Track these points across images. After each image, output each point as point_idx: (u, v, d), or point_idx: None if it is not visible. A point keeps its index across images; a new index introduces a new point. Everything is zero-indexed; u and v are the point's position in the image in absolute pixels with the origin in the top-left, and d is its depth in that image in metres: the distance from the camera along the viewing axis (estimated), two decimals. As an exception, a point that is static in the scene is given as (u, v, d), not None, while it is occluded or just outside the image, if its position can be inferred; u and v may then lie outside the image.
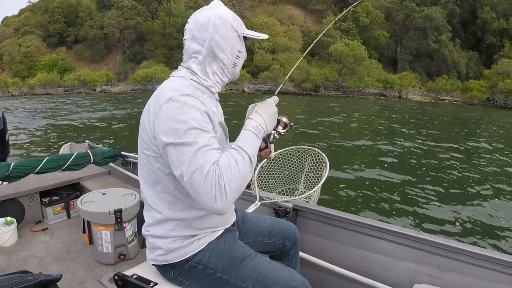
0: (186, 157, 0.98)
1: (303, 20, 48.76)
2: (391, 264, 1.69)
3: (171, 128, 1.00)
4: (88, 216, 2.03)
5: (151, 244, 1.22)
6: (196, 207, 1.15)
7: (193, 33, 1.13)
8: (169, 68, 43.88)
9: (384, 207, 5.74)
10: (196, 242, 1.18)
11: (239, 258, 1.20)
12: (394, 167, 8.44)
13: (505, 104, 39.13)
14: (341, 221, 1.85)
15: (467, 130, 17.00)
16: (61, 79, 43.35)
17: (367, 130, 15.05)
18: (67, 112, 19.68)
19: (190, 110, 1.02)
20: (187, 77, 1.15)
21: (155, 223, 1.19)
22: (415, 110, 26.80)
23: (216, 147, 1.03)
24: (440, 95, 42.26)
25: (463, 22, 49.23)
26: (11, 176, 2.18)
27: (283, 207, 1.99)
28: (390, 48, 46.83)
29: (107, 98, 31.86)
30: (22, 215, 2.54)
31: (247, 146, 1.06)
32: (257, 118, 1.15)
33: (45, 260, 2.10)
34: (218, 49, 1.14)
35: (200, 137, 1.00)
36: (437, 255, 1.56)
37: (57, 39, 51.24)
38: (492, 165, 9.20)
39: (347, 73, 40.32)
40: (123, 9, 48.80)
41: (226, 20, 1.14)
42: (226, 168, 0.98)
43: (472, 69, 45.84)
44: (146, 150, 1.13)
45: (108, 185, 2.81)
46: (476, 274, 1.48)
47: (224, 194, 0.97)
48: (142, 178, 1.21)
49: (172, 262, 1.18)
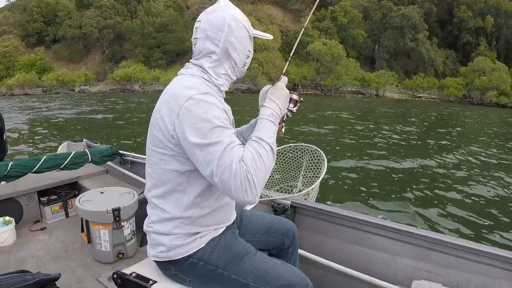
0: (213, 157, 1.01)
1: (281, 19, 48.95)
2: (390, 261, 1.69)
3: (196, 127, 1.03)
4: (86, 215, 2.02)
5: (154, 241, 1.22)
6: (202, 205, 1.18)
7: (208, 33, 1.15)
8: (148, 67, 43.80)
9: (364, 199, 5.84)
10: (199, 240, 1.19)
11: (240, 254, 1.21)
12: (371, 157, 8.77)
13: (481, 100, 39.97)
14: (340, 218, 1.84)
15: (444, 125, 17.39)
16: (39, 79, 42.91)
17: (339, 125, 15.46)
18: (52, 112, 19.47)
19: (212, 108, 1.05)
20: (198, 75, 1.17)
21: (159, 220, 1.19)
22: (393, 107, 27.29)
23: (238, 143, 1.07)
24: (417, 92, 42.97)
25: (440, 21, 50.02)
26: (9, 176, 2.17)
27: (282, 205, 1.97)
28: (368, 47, 47.36)
29: (89, 97, 31.64)
30: (20, 215, 2.52)
31: (267, 136, 1.10)
32: (272, 105, 1.18)
33: (43, 259, 2.09)
34: (232, 49, 1.17)
35: (224, 135, 1.03)
36: (436, 251, 1.57)
37: (36, 38, 50.56)
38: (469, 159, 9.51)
39: (325, 71, 40.74)
40: (102, 8, 48.40)
41: (239, 21, 1.17)
42: (252, 162, 1.02)
43: (449, 67, 46.64)
44: (160, 149, 1.13)
45: (106, 184, 2.84)
46: (475, 270, 1.48)
47: (253, 187, 1.01)
48: (150, 176, 1.21)
49: (173, 259, 1.19)
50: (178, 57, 45.77)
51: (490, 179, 7.52)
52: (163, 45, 45.52)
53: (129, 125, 14.41)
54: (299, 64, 42.31)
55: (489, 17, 46.28)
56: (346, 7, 47.16)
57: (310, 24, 46.98)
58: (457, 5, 48.52)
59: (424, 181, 7.15)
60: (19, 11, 54.83)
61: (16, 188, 2.51)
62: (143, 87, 41.72)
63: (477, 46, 47.05)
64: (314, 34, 44.56)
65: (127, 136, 11.50)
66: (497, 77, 39.46)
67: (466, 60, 44.59)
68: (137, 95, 34.16)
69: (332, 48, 40.46)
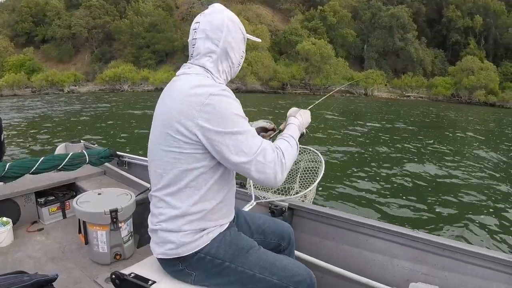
0: (243, 145, 1.11)
1: (271, 19, 49.04)
2: (387, 263, 1.69)
3: (222, 120, 1.09)
4: (84, 216, 2.02)
5: (161, 238, 1.23)
6: (211, 198, 1.22)
7: (208, 33, 1.21)
8: (137, 67, 43.74)
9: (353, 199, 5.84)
10: (206, 236, 1.22)
11: (246, 248, 1.26)
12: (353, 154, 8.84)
13: (469, 99, 40.26)
14: (337, 220, 1.84)
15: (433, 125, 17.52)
16: (28, 79, 42.70)
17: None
18: (44, 112, 19.40)
19: (234, 102, 1.14)
20: (202, 74, 1.22)
21: (169, 218, 1.21)
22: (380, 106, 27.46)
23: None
24: (405, 91, 43.20)
25: (429, 20, 50.36)
26: (6, 177, 2.17)
27: (279, 206, 1.98)
28: (357, 46, 47.58)
29: (77, 98, 31.48)
30: (18, 216, 2.51)
31: (296, 136, 1.32)
32: (300, 120, 1.42)
33: (40, 260, 2.09)
34: (230, 49, 1.24)
35: (246, 125, 1.14)
36: (433, 253, 1.57)
37: (25, 39, 50.29)
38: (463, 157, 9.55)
39: (314, 71, 40.88)
40: (91, 8, 48.24)
41: (236, 23, 1.26)
42: (285, 149, 1.19)
43: (437, 67, 46.94)
44: (176, 148, 1.15)
45: (104, 185, 2.81)
46: (472, 272, 1.48)
47: (285, 169, 1.16)
48: (160, 176, 1.21)
49: (182, 256, 1.20)
50: (167, 57, 45.82)
51: (480, 177, 7.51)
52: (152, 45, 45.50)
53: (123, 125, 14.45)
54: (288, 63, 42.43)
55: (478, 16, 46.61)
56: (335, 6, 47.39)
57: (299, 23, 47.15)
58: (446, 5, 48.88)
59: (410, 180, 7.15)
60: (8, 11, 54.51)
61: (13, 189, 2.49)
62: (132, 87, 41.64)
63: (466, 45, 47.36)
64: (303, 33, 44.69)
65: (121, 136, 11.56)
66: (485, 76, 39.76)
67: (455, 59, 44.87)
68: (126, 95, 34.15)
69: (321, 47, 40.61)
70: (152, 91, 38.76)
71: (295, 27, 45.83)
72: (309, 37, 44.06)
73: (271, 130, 1.55)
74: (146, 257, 1.45)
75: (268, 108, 22.52)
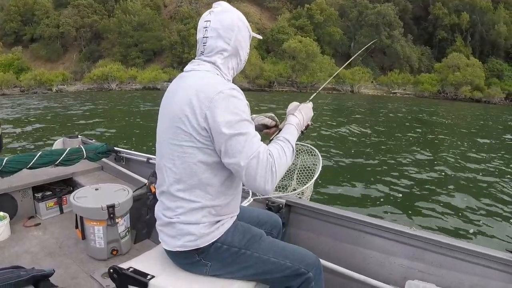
0: (241, 146, 1.12)
1: (258, 17, 49.25)
2: (384, 260, 1.69)
3: (226, 119, 1.12)
4: (81, 212, 2.03)
5: (180, 231, 1.25)
6: (225, 193, 1.27)
7: (219, 32, 1.25)
8: (125, 66, 43.85)
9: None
10: (221, 227, 1.28)
11: (258, 235, 1.34)
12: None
13: (455, 96, 40.77)
14: (334, 217, 1.84)
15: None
16: (17, 79, 42.72)
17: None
18: (34, 110, 19.51)
19: (240, 103, 1.17)
20: (212, 71, 1.26)
21: (188, 211, 1.23)
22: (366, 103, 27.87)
23: (259, 136, 1.19)
24: (392, 88, 43.64)
25: (416, 18, 50.79)
26: (4, 171, 2.18)
27: (276, 203, 1.99)
28: (344, 44, 47.88)
29: (66, 96, 31.57)
30: (15, 210, 2.51)
31: (292, 139, 1.28)
32: (300, 117, 1.39)
33: (37, 255, 2.09)
34: (240, 47, 1.30)
35: (250, 127, 1.16)
36: (430, 251, 1.57)
37: (13, 38, 50.12)
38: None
39: (300, 69, 41.16)
40: (80, 7, 48.16)
41: (244, 23, 1.31)
42: (277, 157, 1.17)
43: (424, 64, 47.40)
44: (186, 142, 1.18)
45: (101, 181, 2.83)
46: (469, 270, 1.49)
47: (275, 177, 1.14)
48: (170, 171, 1.24)
49: (200, 247, 1.24)
50: (155, 55, 45.93)
51: (467, 173, 7.73)
52: (140, 44, 45.53)
53: (119, 123, 14.72)
54: (275, 62, 42.70)
55: (464, 13, 47.11)
56: (322, 5, 47.59)
57: (286, 22, 47.37)
58: (432, 2, 49.36)
59: (394, 175, 7.34)
60: (-4, 11, 54.37)
61: (10, 184, 2.49)
62: (120, 86, 41.75)
63: (452, 42, 47.87)
64: (291, 32, 44.94)
65: (114, 133, 11.82)
66: (471, 72, 40.28)
67: (442, 56, 45.36)
68: (115, 94, 34.30)
69: (307, 45, 40.88)
70: (140, 89, 38.95)
71: (282, 25, 46.00)
72: (296, 35, 44.29)
73: (274, 127, 1.54)
74: (143, 252, 1.48)
75: (254, 103, 22.68)
